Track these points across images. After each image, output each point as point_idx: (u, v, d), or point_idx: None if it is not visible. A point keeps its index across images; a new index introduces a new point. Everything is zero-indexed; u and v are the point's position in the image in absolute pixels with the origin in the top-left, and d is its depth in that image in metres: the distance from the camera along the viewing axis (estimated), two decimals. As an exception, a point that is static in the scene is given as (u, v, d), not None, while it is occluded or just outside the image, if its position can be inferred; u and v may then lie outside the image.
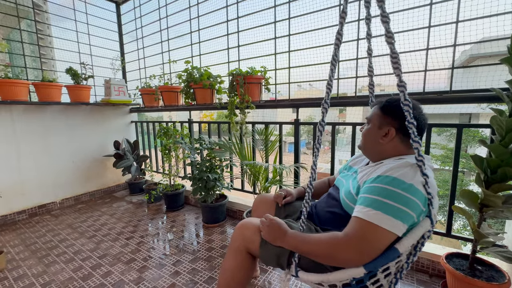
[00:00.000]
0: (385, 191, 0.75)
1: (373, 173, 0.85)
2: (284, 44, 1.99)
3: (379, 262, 0.74)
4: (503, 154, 1.12)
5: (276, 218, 0.94)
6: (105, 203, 2.90)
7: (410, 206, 0.74)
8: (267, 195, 1.32)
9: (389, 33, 0.77)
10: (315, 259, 0.83)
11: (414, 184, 0.75)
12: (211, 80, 2.22)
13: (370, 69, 1.11)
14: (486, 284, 1.17)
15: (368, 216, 0.74)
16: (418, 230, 0.77)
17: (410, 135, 0.78)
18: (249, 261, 1.02)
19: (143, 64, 3.13)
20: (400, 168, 0.78)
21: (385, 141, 0.91)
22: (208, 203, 2.15)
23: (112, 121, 3.23)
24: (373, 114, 0.97)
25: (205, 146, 2.13)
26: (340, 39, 0.87)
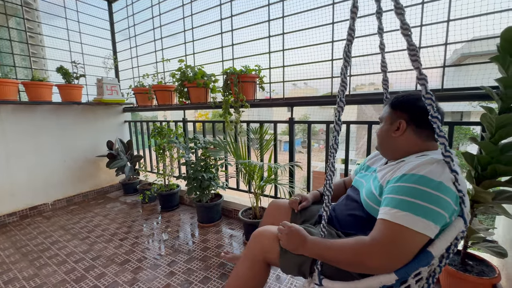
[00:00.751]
0: (413, 190, 0.70)
1: (396, 171, 0.80)
2: (278, 42, 1.99)
3: (412, 267, 0.69)
4: (493, 151, 1.14)
5: (294, 225, 0.89)
6: (99, 204, 2.86)
7: (442, 206, 0.69)
8: (281, 201, 1.28)
9: (405, 25, 0.74)
10: (340, 266, 0.78)
11: (444, 181, 0.70)
12: (205, 79, 2.21)
13: (383, 65, 1.07)
14: (477, 279, 1.19)
15: (396, 218, 0.69)
16: (451, 231, 0.72)
17: (423, 127, 0.76)
18: (265, 270, 0.99)
19: (136, 63, 3.09)
20: (426, 165, 0.73)
21: (398, 134, 0.89)
22: (203, 202, 2.13)
23: (105, 120, 3.18)
24: (384, 113, 0.96)
25: (199, 146, 2.11)
26: (353, 35, 0.82)
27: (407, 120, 0.87)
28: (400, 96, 0.93)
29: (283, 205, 1.26)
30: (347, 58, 0.84)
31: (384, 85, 1.11)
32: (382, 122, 0.97)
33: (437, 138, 0.73)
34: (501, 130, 1.12)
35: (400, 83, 1.67)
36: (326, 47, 1.76)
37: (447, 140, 0.72)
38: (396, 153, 0.91)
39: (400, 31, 0.77)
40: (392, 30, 1.41)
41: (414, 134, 0.87)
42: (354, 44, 0.87)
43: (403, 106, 0.90)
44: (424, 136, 0.86)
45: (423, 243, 0.69)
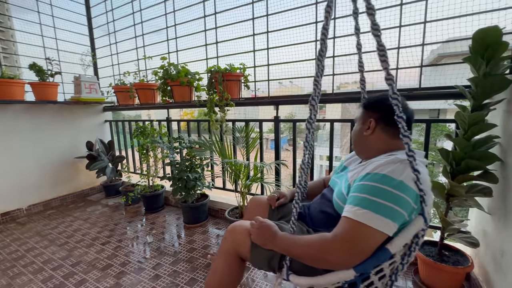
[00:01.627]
0: (374, 189, 0.73)
1: (362, 171, 0.83)
2: (263, 41, 1.98)
3: (370, 264, 0.72)
4: (466, 147, 1.20)
5: (266, 220, 0.90)
6: (78, 207, 2.74)
7: (401, 204, 0.71)
8: (261, 197, 1.29)
9: (375, 25, 0.75)
10: (306, 262, 0.80)
11: (405, 180, 0.72)
12: (189, 77, 2.16)
13: (360, 65, 1.08)
14: (453, 268, 1.26)
15: (356, 215, 0.71)
16: (410, 229, 0.74)
17: (392, 126, 0.79)
18: (238, 264, 1.00)
19: (117, 60, 2.97)
20: (389, 165, 0.76)
21: (368, 133, 0.92)
22: (188, 203, 2.10)
23: (84, 120, 3.05)
24: (357, 114, 1.01)
25: (184, 145, 2.07)
26: (326, 34, 0.82)
27: (376, 119, 0.91)
28: (372, 97, 0.98)
29: (263, 202, 1.27)
30: (320, 58, 0.84)
31: (361, 85, 1.12)
32: (356, 122, 1.01)
33: (402, 138, 0.73)
34: (473, 127, 1.18)
35: (383, 82, 1.72)
36: (311, 46, 1.78)
37: (411, 140, 0.73)
38: (368, 153, 0.94)
39: (371, 31, 0.78)
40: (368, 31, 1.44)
41: (383, 133, 0.90)
42: (337, 43, 0.88)
43: (373, 106, 0.94)
44: (392, 134, 0.89)
45: (382, 241, 0.72)
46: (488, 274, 1.23)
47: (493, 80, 1.12)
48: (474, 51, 1.17)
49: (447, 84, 1.48)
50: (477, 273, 1.34)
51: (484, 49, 1.14)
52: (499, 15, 1.30)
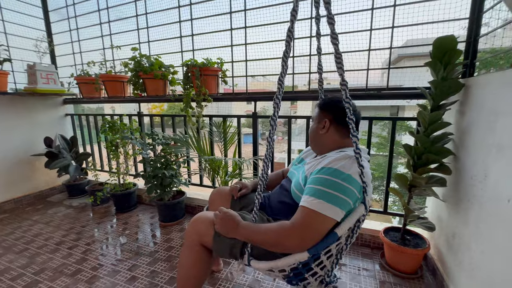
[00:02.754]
0: (327, 181, 0.83)
1: (318, 165, 0.92)
2: (240, 36, 1.97)
3: (321, 246, 0.82)
4: (426, 142, 1.34)
5: (229, 211, 0.95)
6: (37, 210, 2.49)
7: (348, 194, 0.82)
8: (223, 188, 1.33)
9: (334, 34, 0.82)
10: (266, 247, 0.87)
11: (352, 174, 0.84)
12: (163, 70, 2.07)
13: (319, 67, 1.18)
14: (414, 250, 1.42)
15: (312, 204, 0.81)
16: (354, 215, 0.87)
17: (343, 126, 0.90)
18: (204, 255, 1.03)
19: (78, 48, 2.71)
20: (340, 160, 0.86)
21: (323, 132, 1.03)
22: (165, 201, 2.04)
23: (41, 114, 2.75)
24: (314, 113, 1.10)
25: (159, 142, 1.99)
26: (291, 36, 0.87)
27: (330, 119, 1.03)
28: (327, 98, 1.09)
29: (225, 192, 1.31)
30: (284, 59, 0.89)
31: (319, 86, 1.22)
32: (313, 121, 1.11)
33: (351, 137, 0.85)
34: (432, 125, 1.32)
35: (357, 80, 1.83)
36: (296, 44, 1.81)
37: (358, 139, 0.86)
38: (322, 148, 1.05)
39: (330, 40, 0.84)
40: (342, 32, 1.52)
41: (336, 132, 1.02)
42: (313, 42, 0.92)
43: (328, 108, 1.05)
44: (343, 133, 1.01)
45: (331, 226, 0.82)
46: (442, 254, 1.41)
47: (450, 83, 1.26)
48: (434, 56, 1.30)
49: (406, 85, 1.64)
50: (432, 253, 1.52)
51: (442, 55, 1.27)
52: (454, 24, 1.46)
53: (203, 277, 1.05)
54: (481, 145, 1.08)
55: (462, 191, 1.22)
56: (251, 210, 1.18)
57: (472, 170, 1.14)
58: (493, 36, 1.30)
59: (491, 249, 0.95)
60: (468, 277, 1.11)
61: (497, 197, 0.93)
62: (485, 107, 1.07)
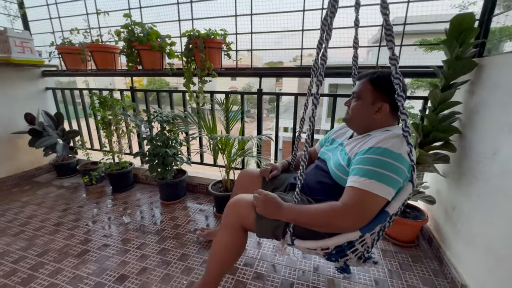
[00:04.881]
0: (378, 161, 0.81)
1: (363, 145, 0.89)
2: (245, 6, 1.83)
3: (373, 225, 0.82)
4: (434, 121, 1.38)
5: (269, 193, 0.95)
6: (25, 191, 2.35)
7: (399, 173, 0.81)
8: (252, 170, 1.32)
9: (384, 3, 0.78)
10: (313, 228, 0.88)
11: (402, 153, 0.82)
12: (160, 41, 1.91)
13: (355, 41, 1.13)
14: (414, 222, 1.53)
15: (363, 185, 0.80)
16: (403, 193, 0.86)
17: (396, 106, 0.84)
18: (243, 236, 1.04)
19: (56, 13, 2.40)
20: (389, 140, 0.84)
21: (378, 116, 0.96)
22: (167, 180, 1.99)
23: (17, 88, 2.49)
24: (363, 89, 0.98)
25: (159, 119, 1.89)
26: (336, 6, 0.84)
27: (390, 103, 0.94)
28: (385, 75, 0.94)
29: (254, 174, 1.31)
30: (329, 32, 0.86)
31: (354, 61, 1.19)
32: (359, 98, 0.99)
33: (399, 115, 0.83)
34: (442, 104, 1.36)
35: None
36: (297, 16, 1.72)
37: (408, 117, 0.83)
38: (367, 128, 1.00)
39: (380, 9, 0.81)
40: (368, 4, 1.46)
41: (390, 115, 0.97)
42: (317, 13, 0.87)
43: (387, 90, 0.92)
44: (394, 113, 0.97)
45: (383, 205, 0.82)
46: (439, 225, 1.53)
47: (464, 62, 1.27)
48: (450, 34, 1.29)
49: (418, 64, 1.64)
50: (428, 224, 1.65)
51: (458, 34, 1.27)
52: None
53: (238, 256, 1.08)
54: (492, 124, 1.13)
55: (466, 167, 1.30)
56: (284, 190, 1.18)
57: (479, 147, 1.20)
58: (505, 16, 1.31)
59: (494, 219, 1.04)
60: (465, 244, 1.22)
61: (506, 172, 1.00)
62: (500, 87, 1.10)
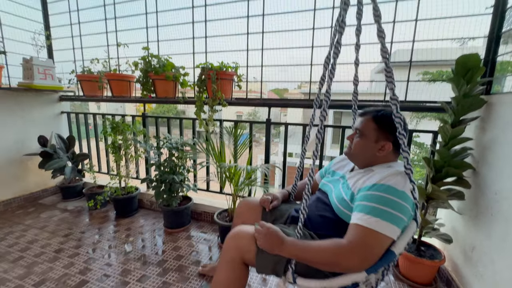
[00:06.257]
0: (382, 199, 0.81)
1: (366, 181, 0.89)
2: (256, 40, 1.93)
3: (379, 266, 0.80)
4: (447, 156, 1.37)
5: (272, 226, 0.92)
6: (29, 213, 2.34)
7: (403, 212, 0.80)
8: (252, 200, 1.29)
9: (384, 47, 0.83)
10: (316, 266, 0.85)
11: (405, 191, 0.82)
12: (174, 72, 2.00)
13: (355, 79, 1.19)
14: (430, 262, 1.44)
15: (369, 223, 0.78)
16: (408, 232, 0.85)
17: (398, 146, 0.86)
18: (244, 270, 0.99)
19: (79, 43, 2.58)
20: (392, 177, 0.84)
21: (381, 154, 0.97)
22: (172, 207, 1.96)
23: (34, 111, 2.59)
24: (366, 126, 0.99)
25: (168, 146, 1.92)
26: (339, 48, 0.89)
27: (393, 142, 0.95)
28: (387, 114, 0.96)
29: (254, 204, 1.28)
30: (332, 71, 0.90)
31: (354, 97, 1.23)
32: (362, 135, 0.99)
33: (401, 152, 0.85)
34: (453, 139, 1.35)
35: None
36: (306, 51, 1.81)
37: (409, 154, 0.85)
38: (368, 163, 1.01)
39: (380, 53, 0.86)
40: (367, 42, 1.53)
41: (392, 153, 0.98)
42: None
43: (390, 128, 0.93)
44: (397, 151, 0.98)
45: (389, 244, 0.80)
46: (457, 266, 1.43)
47: (472, 100, 1.29)
48: (456, 73, 1.33)
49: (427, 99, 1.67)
50: (446, 265, 1.55)
51: (465, 72, 1.30)
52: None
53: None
54: (507, 162, 1.11)
55: (483, 205, 1.25)
56: (284, 222, 1.15)
57: (495, 186, 1.17)
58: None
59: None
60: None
61: (528, 215, 0.95)
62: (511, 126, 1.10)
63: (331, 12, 1.68)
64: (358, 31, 1.08)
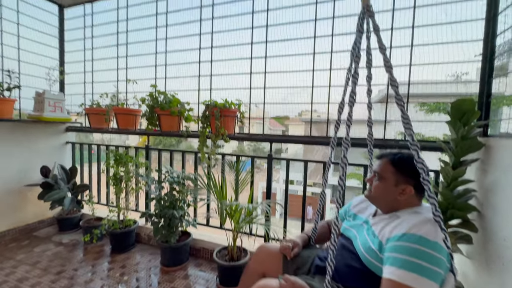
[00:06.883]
0: (415, 251, 0.76)
1: (394, 229, 0.86)
2: (259, 78, 2.03)
3: None
4: (450, 198, 1.35)
5: (297, 280, 0.88)
6: (22, 247, 2.26)
7: (439, 265, 0.75)
8: (271, 246, 1.25)
9: (399, 95, 0.88)
10: None
11: (439, 241, 0.78)
12: (179, 107, 2.08)
13: (369, 121, 1.23)
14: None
15: (404, 279, 0.74)
16: (447, 287, 0.78)
17: (421, 189, 0.85)
18: None
19: (90, 78, 2.72)
20: (422, 225, 0.81)
21: (403, 197, 0.94)
22: (170, 243, 1.90)
23: (41, 141, 2.64)
24: (384, 169, 0.98)
25: (170, 180, 1.92)
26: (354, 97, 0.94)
27: (414, 185, 0.94)
28: (405, 157, 0.97)
29: (274, 251, 1.22)
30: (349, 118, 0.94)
31: (369, 138, 1.26)
32: (381, 178, 0.99)
33: (428, 199, 0.84)
34: (455, 181, 1.35)
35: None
36: (307, 90, 1.89)
37: (437, 200, 0.82)
38: (391, 208, 0.98)
39: (395, 101, 0.90)
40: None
41: (415, 196, 0.96)
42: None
43: (410, 172, 0.93)
44: (420, 195, 0.96)
45: None
46: (472, 317, 1.34)
47: (470, 142, 1.31)
48: (452, 116, 1.37)
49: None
50: (459, 314, 1.45)
51: (461, 115, 1.35)
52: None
53: None
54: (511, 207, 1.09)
55: (492, 251, 1.21)
56: (307, 271, 1.10)
57: (504, 231, 1.14)
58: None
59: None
60: None
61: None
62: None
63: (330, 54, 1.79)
64: (369, 77, 1.16)
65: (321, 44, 1.83)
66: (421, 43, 1.62)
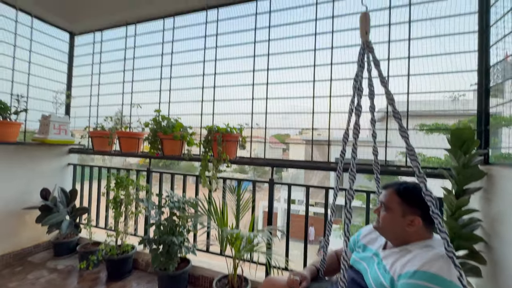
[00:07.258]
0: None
1: (406, 265, 0.84)
2: (261, 103, 2.08)
3: None
4: (455, 227, 1.33)
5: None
6: (14, 274, 2.19)
7: None
8: (278, 280, 1.21)
9: (402, 127, 0.90)
10: None
11: (454, 280, 0.76)
12: (182, 131, 2.11)
13: (375, 149, 1.24)
14: None
15: None
16: None
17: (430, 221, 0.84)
18: None
19: (96, 102, 2.79)
20: (434, 262, 0.79)
21: (412, 229, 0.92)
22: (168, 271, 1.84)
23: (43, 163, 2.65)
24: (390, 200, 0.97)
25: (170, 205, 1.90)
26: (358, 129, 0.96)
27: (421, 216, 0.91)
28: (411, 188, 0.96)
29: (281, 285, 1.18)
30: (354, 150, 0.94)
31: (375, 167, 1.26)
32: (388, 209, 0.98)
33: (439, 233, 0.82)
34: (460, 210, 1.33)
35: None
36: (307, 116, 1.93)
37: (448, 235, 0.80)
38: (401, 240, 0.96)
39: (399, 133, 0.92)
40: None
41: (424, 228, 0.93)
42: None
43: (417, 202, 0.92)
44: (429, 227, 0.94)
45: None
46: None
47: (472, 171, 1.32)
48: (453, 144, 1.39)
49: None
50: None
51: (461, 144, 1.36)
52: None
53: None
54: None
55: (504, 286, 1.16)
56: None
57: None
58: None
59: None
60: None
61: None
62: (518, 202, 1.10)
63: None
64: (372, 108, 1.18)
65: (320, 72, 1.90)
66: (417, 72, 1.68)
